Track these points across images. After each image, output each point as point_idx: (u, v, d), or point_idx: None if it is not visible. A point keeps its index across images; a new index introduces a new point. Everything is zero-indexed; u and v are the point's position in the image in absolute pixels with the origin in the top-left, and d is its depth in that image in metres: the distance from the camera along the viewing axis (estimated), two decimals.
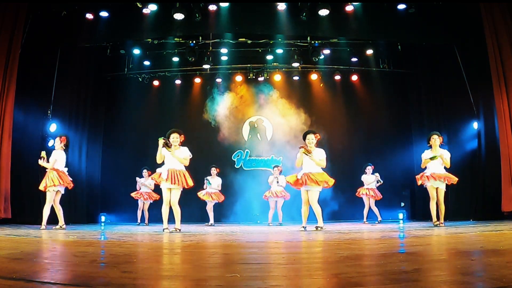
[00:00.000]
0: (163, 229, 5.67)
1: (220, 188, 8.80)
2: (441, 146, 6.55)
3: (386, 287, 1.55)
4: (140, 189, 9.06)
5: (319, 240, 3.99)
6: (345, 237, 4.30)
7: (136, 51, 10.00)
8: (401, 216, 9.68)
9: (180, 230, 5.75)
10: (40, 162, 6.58)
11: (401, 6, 7.88)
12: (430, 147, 6.52)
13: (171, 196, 5.71)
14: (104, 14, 7.98)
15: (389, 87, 10.75)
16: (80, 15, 8.05)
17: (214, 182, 8.69)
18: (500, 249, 2.71)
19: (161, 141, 5.63)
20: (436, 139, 6.40)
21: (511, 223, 5.89)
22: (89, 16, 8.03)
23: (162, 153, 5.70)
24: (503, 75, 7.01)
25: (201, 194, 8.68)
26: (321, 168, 5.91)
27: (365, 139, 10.66)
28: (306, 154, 5.79)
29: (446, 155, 6.44)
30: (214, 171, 8.82)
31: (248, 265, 2.26)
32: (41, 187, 6.53)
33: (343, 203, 9.68)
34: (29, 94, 7.84)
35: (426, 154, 6.54)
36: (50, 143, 8.37)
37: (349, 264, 2.19)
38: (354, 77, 10.86)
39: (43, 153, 6.60)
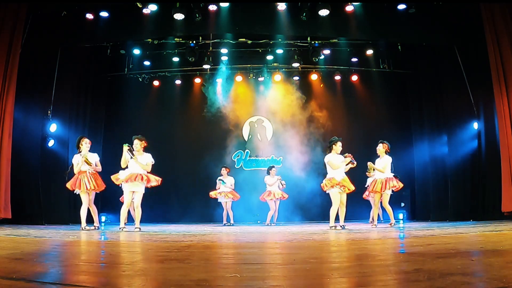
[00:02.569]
0: (120, 228, 6.01)
1: (233, 187, 8.99)
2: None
3: (386, 287, 1.55)
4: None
5: (320, 241, 3.98)
6: (345, 237, 4.30)
7: (136, 51, 9.99)
8: (401, 216, 9.67)
9: (140, 229, 6.05)
10: (91, 167, 6.46)
11: (401, 6, 7.87)
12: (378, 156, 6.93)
13: (135, 198, 6.15)
14: (104, 14, 7.97)
15: (389, 87, 10.74)
16: (80, 15, 8.04)
17: (228, 181, 8.89)
18: (500, 249, 2.71)
19: (125, 147, 6.06)
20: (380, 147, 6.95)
21: (511, 223, 5.89)
22: (89, 16, 8.02)
23: (126, 158, 6.12)
24: (503, 75, 7.01)
25: (214, 193, 8.93)
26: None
27: (365, 139, 10.63)
28: (351, 163, 6.34)
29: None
30: (224, 171, 9.02)
31: (248, 265, 2.26)
32: (84, 190, 6.34)
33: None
34: (29, 94, 7.83)
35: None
36: (51, 143, 8.37)
37: (349, 264, 2.19)
38: (354, 78, 10.85)
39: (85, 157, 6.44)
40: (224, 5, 7.86)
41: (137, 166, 6.08)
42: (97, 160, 6.63)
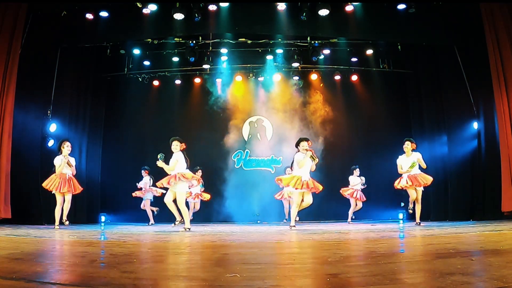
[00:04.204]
0: (186, 229, 6.00)
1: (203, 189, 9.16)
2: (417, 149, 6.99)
3: (386, 287, 1.55)
4: (142, 188, 9.16)
5: (319, 240, 3.99)
6: (345, 237, 4.30)
7: (136, 51, 9.99)
8: (401, 216, 9.67)
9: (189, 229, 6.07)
10: (72, 170, 6.79)
11: (401, 6, 7.87)
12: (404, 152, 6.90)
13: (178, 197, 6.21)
14: (104, 14, 7.98)
15: (389, 87, 10.74)
16: (80, 15, 8.05)
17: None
18: (500, 249, 2.71)
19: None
20: (408, 145, 6.88)
21: (511, 223, 5.89)
22: (89, 16, 8.02)
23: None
24: (503, 75, 7.02)
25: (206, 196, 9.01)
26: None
27: (365, 139, 10.65)
28: (312, 159, 6.20)
29: (420, 157, 6.88)
30: (199, 172, 8.91)
31: (248, 265, 2.26)
32: (59, 192, 6.63)
33: (343, 203, 9.67)
34: (29, 94, 7.83)
35: (402, 160, 6.95)
36: (51, 143, 8.37)
37: (349, 264, 2.19)
38: (354, 77, 10.85)
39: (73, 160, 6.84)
40: (224, 5, 7.87)
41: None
42: (75, 163, 6.89)
